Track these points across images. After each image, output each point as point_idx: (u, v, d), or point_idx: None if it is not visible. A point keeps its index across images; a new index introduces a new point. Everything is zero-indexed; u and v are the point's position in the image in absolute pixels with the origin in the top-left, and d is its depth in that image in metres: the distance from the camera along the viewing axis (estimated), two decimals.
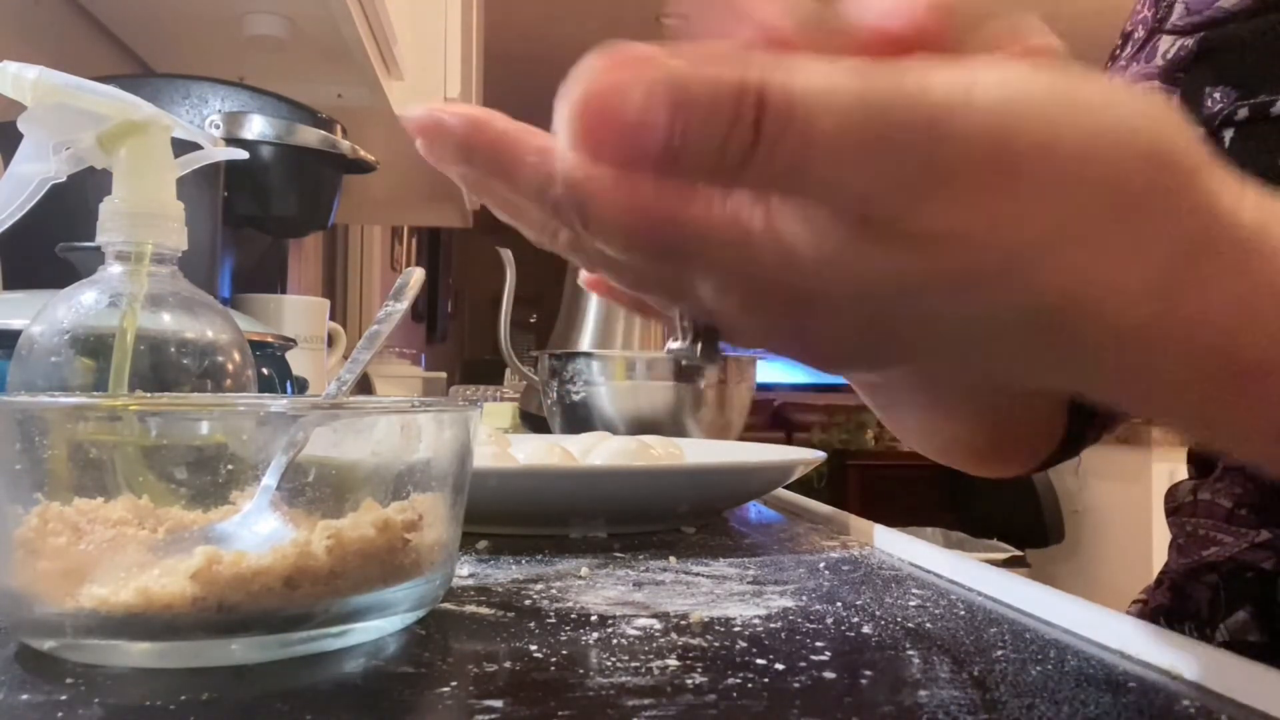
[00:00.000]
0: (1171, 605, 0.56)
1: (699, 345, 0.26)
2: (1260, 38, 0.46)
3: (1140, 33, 0.54)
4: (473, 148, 0.21)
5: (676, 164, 0.19)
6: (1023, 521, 2.97)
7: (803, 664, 0.28)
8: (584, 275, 0.29)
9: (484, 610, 0.34)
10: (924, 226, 0.20)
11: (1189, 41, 0.49)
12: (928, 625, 0.33)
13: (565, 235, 0.23)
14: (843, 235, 0.20)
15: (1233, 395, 0.24)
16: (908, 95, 0.19)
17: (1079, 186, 0.20)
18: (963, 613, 0.35)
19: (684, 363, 1.00)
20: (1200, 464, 0.57)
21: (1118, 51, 0.56)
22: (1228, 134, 0.45)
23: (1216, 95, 0.47)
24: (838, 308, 0.22)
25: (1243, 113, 0.45)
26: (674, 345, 0.27)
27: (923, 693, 0.26)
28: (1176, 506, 0.58)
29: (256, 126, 1.01)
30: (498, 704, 0.24)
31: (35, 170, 0.43)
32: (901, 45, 0.19)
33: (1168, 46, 0.50)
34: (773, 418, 4.40)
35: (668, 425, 1.04)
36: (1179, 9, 0.50)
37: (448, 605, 0.35)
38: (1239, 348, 0.23)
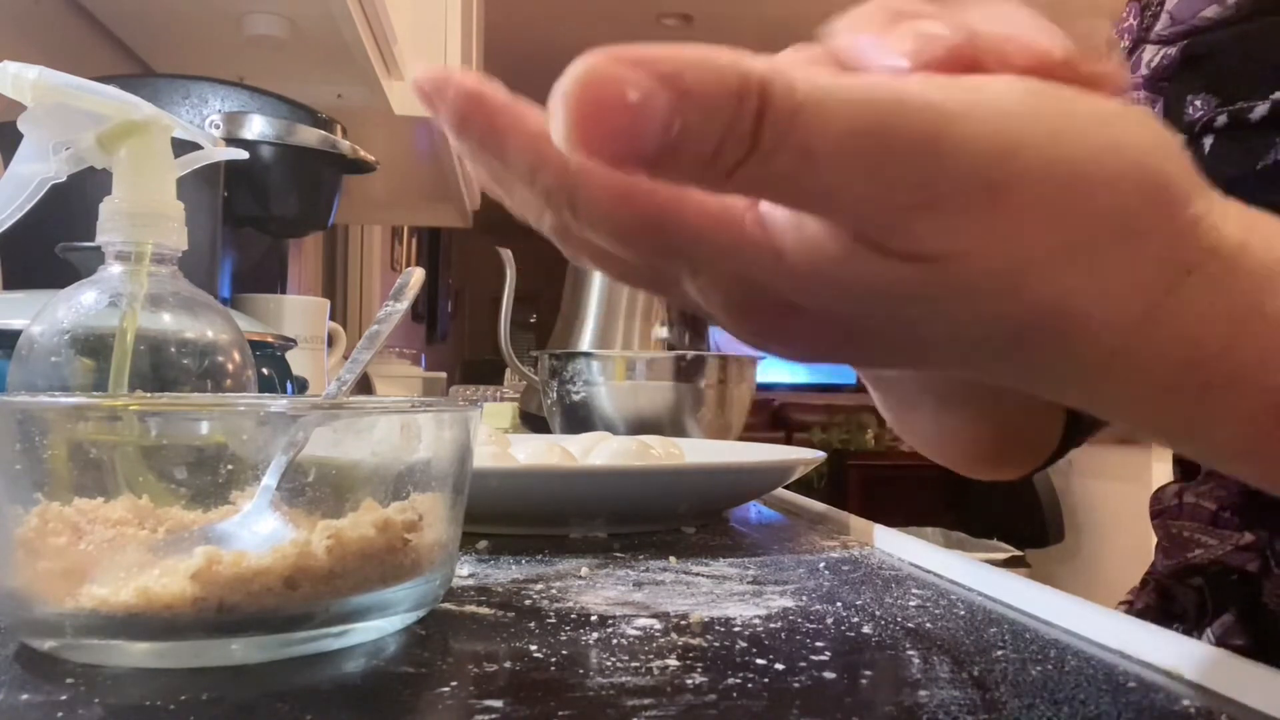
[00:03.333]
0: (1157, 608, 0.56)
1: (686, 334, 0.26)
2: (1239, 45, 0.46)
3: (1126, 42, 0.54)
4: (467, 119, 0.20)
5: (670, 163, 0.18)
6: (1023, 521, 2.97)
7: (803, 664, 0.28)
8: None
9: (484, 610, 0.34)
10: (919, 243, 0.20)
11: (1172, 50, 0.49)
12: (928, 625, 0.33)
13: (551, 219, 0.22)
14: (835, 246, 0.20)
15: (1212, 407, 0.24)
16: (914, 107, 0.18)
17: (1076, 205, 0.20)
18: (963, 613, 0.35)
19: (673, 347, 1.01)
20: (1185, 466, 0.58)
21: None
22: (1208, 140, 0.46)
23: (1198, 103, 0.47)
24: (824, 313, 0.22)
25: (1222, 119, 0.45)
26: (662, 333, 0.28)
27: (923, 693, 0.26)
28: (1162, 509, 0.58)
29: (256, 126, 1.01)
30: (498, 704, 0.24)
31: (35, 170, 0.43)
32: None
33: (1152, 55, 0.51)
34: (773, 418, 4.40)
35: (668, 425, 1.04)
36: (1164, 19, 0.50)
37: (448, 605, 0.35)
38: (1221, 362, 0.23)
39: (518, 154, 0.20)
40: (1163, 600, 0.56)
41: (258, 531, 0.29)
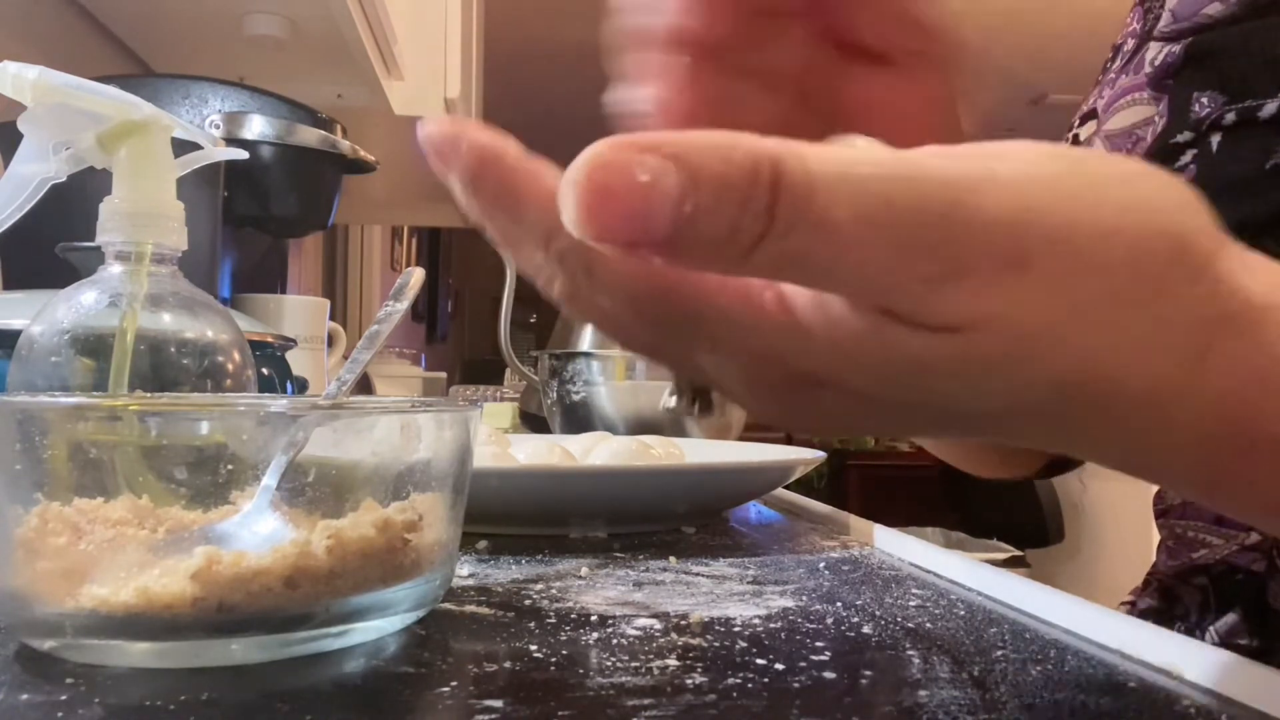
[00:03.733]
0: (1160, 607, 0.56)
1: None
2: (1246, 43, 0.46)
3: (1130, 44, 0.54)
4: (480, 178, 0.20)
5: (685, 245, 0.18)
6: (1023, 521, 2.97)
7: (803, 664, 0.28)
8: None
9: (484, 610, 0.34)
10: (943, 315, 0.19)
11: (1175, 48, 0.49)
12: (928, 625, 0.33)
13: (562, 284, 0.21)
14: (861, 322, 0.20)
15: (1245, 467, 0.24)
16: (930, 179, 0.18)
17: (1098, 270, 0.20)
18: (963, 613, 0.35)
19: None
20: None
21: (1108, 64, 0.56)
22: (1215, 138, 0.46)
23: (1204, 100, 0.47)
24: (848, 389, 0.21)
25: (1230, 117, 0.45)
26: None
27: (923, 693, 0.26)
28: (1166, 508, 0.58)
29: (256, 126, 1.01)
30: (498, 704, 0.24)
31: (35, 170, 0.43)
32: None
33: (1155, 54, 0.51)
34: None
35: (668, 425, 1.03)
36: (1165, 17, 0.51)
37: (448, 605, 0.35)
38: (1253, 421, 0.23)
39: (533, 216, 0.20)
40: (1165, 600, 0.56)
41: (258, 531, 0.29)
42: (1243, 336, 0.22)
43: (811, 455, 0.60)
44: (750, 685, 0.26)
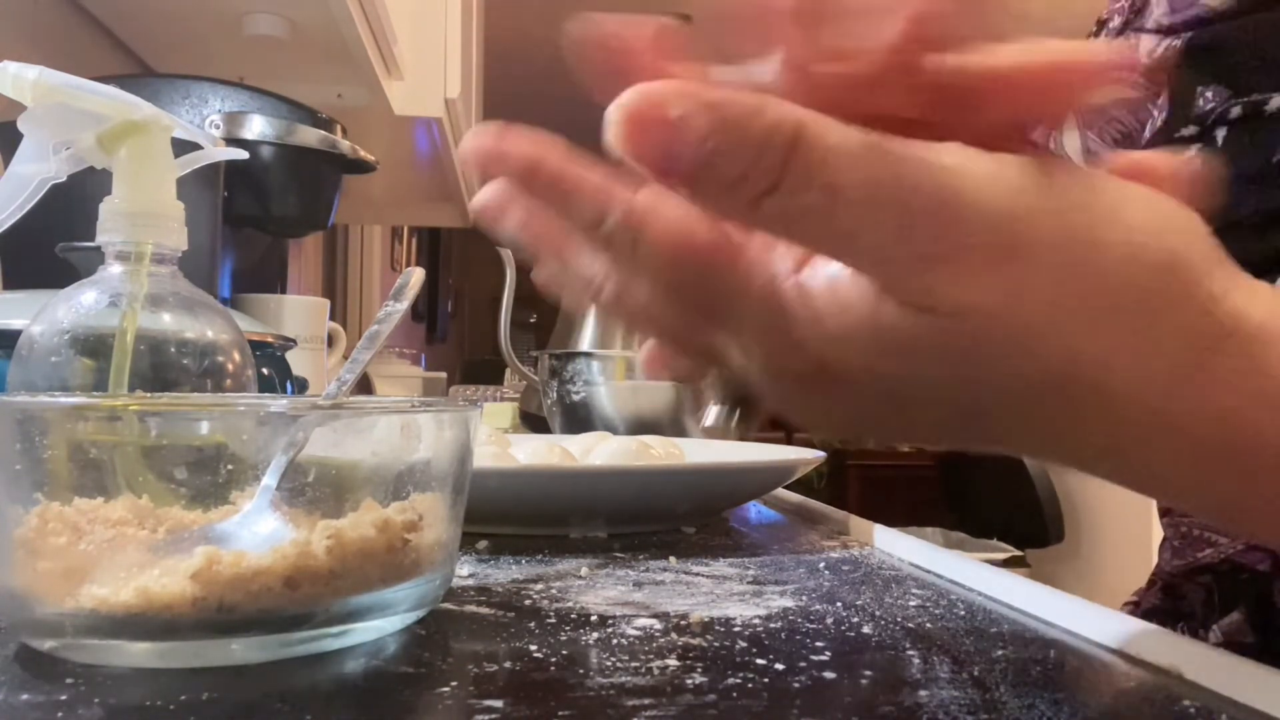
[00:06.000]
0: (1164, 606, 0.56)
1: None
2: (1250, 36, 0.46)
3: (1116, 20, 0.54)
4: (535, 175, 0.23)
5: (703, 183, 0.20)
6: (1023, 521, 2.96)
7: (803, 664, 0.28)
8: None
9: (484, 610, 0.34)
10: (935, 295, 0.21)
11: (1175, 41, 0.49)
12: (928, 625, 0.33)
13: (611, 286, 0.24)
14: (864, 302, 0.21)
15: (1241, 482, 0.24)
16: (938, 165, 0.20)
17: (1090, 276, 0.21)
18: (963, 613, 0.35)
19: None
20: None
21: (1091, 38, 0.56)
22: (1220, 132, 0.46)
23: (1209, 94, 0.47)
24: (854, 376, 0.23)
25: (1236, 111, 0.45)
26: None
27: (923, 693, 0.26)
28: (1170, 505, 0.58)
29: (256, 126, 1.01)
30: (498, 704, 0.24)
31: (35, 170, 0.42)
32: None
33: (1152, 46, 0.50)
34: (773, 418, 4.40)
35: (668, 425, 1.04)
36: (1162, 7, 0.50)
37: (448, 605, 0.35)
38: (1249, 438, 0.23)
39: (585, 202, 0.23)
40: (1169, 599, 0.56)
41: (258, 531, 0.29)
42: (1241, 356, 0.23)
43: (811, 455, 0.60)
44: (750, 685, 0.26)
